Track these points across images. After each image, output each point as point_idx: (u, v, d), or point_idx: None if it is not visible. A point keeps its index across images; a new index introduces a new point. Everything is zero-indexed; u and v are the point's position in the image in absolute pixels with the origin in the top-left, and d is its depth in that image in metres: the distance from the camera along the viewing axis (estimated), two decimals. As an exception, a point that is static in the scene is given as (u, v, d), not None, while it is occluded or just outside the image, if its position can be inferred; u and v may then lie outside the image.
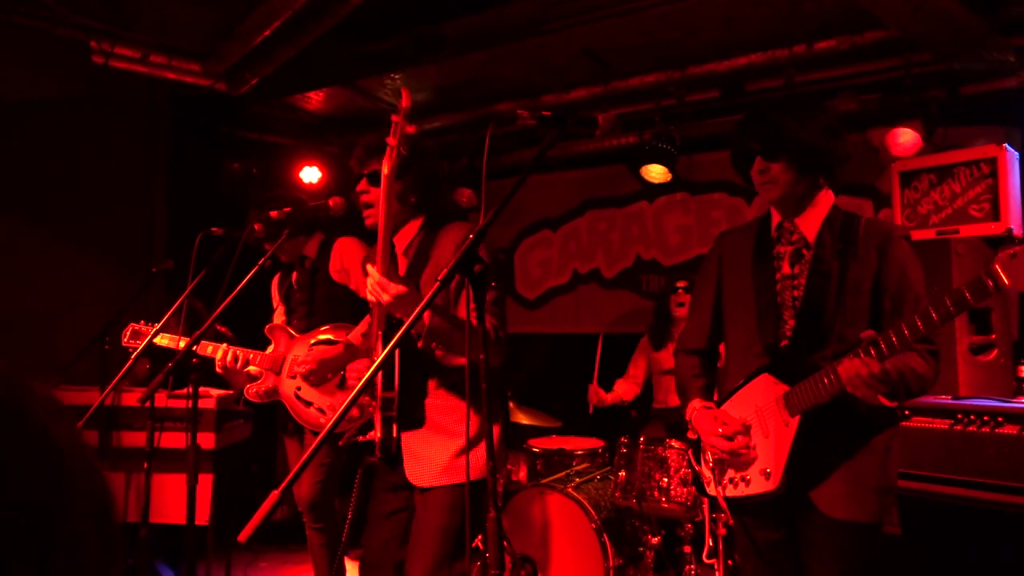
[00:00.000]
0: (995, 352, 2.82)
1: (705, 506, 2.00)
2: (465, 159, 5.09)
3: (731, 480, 1.93)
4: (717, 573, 1.95)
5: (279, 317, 3.32)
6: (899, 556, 2.64)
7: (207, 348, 3.05)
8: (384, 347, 2.13)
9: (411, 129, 2.10)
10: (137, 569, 3.25)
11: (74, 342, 3.95)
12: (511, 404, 3.98)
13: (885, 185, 3.84)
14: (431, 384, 2.21)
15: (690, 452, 2.09)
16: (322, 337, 3.06)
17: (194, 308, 3.13)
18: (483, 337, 1.66)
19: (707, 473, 1.99)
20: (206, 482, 3.70)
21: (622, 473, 3.33)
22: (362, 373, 2.92)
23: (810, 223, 1.92)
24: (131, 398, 3.60)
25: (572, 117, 1.83)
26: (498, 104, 4.73)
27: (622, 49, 4.06)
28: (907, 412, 2.68)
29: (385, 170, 2.11)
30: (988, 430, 2.45)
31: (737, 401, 1.95)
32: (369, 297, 2.08)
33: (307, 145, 5.45)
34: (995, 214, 2.91)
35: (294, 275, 3.28)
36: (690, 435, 2.09)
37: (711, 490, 1.97)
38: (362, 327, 2.96)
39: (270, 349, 3.13)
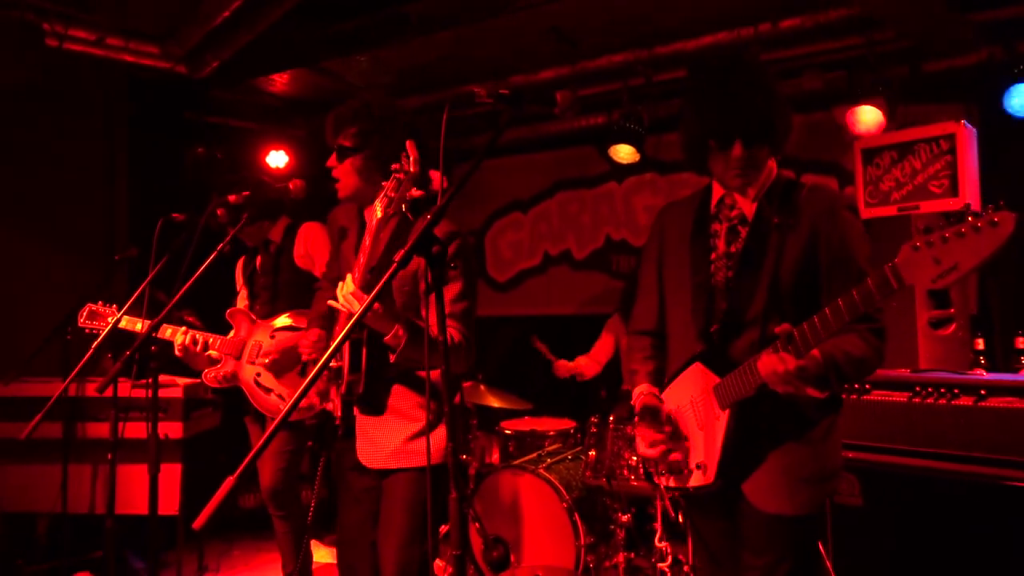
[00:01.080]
0: (953, 326, 2.87)
1: (659, 492, 1.96)
2: (431, 142, 5.03)
3: (671, 471, 1.90)
4: (668, 557, 1.93)
5: (242, 301, 3.28)
6: (861, 526, 2.70)
7: (166, 331, 3.01)
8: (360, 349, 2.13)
9: (417, 194, 2.02)
10: (104, 560, 3.21)
11: (36, 332, 3.88)
12: (482, 387, 3.98)
13: (850, 162, 3.87)
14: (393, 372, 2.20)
15: (637, 440, 1.98)
16: (284, 323, 3.03)
17: (155, 297, 3.07)
18: (443, 347, 1.63)
19: (650, 464, 1.95)
20: (174, 472, 3.66)
21: (592, 453, 3.35)
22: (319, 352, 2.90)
23: (751, 196, 1.81)
24: (94, 388, 3.54)
25: (529, 95, 1.82)
26: (465, 86, 4.68)
27: (590, 28, 4.03)
28: (867, 386, 2.72)
29: (378, 214, 2.02)
30: (945, 402, 2.50)
31: (675, 390, 1.90)
32: (338, 306, 2.02)
33: (273, 129, 5.36)
34: (954, 190, 2.95)
35: (258, 259, 3.24)
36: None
37: (656, 479, 1.94)
38: (322, 309, 2.93)
39: (231, 334, 3.09)
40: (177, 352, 3.03)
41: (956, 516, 2.48)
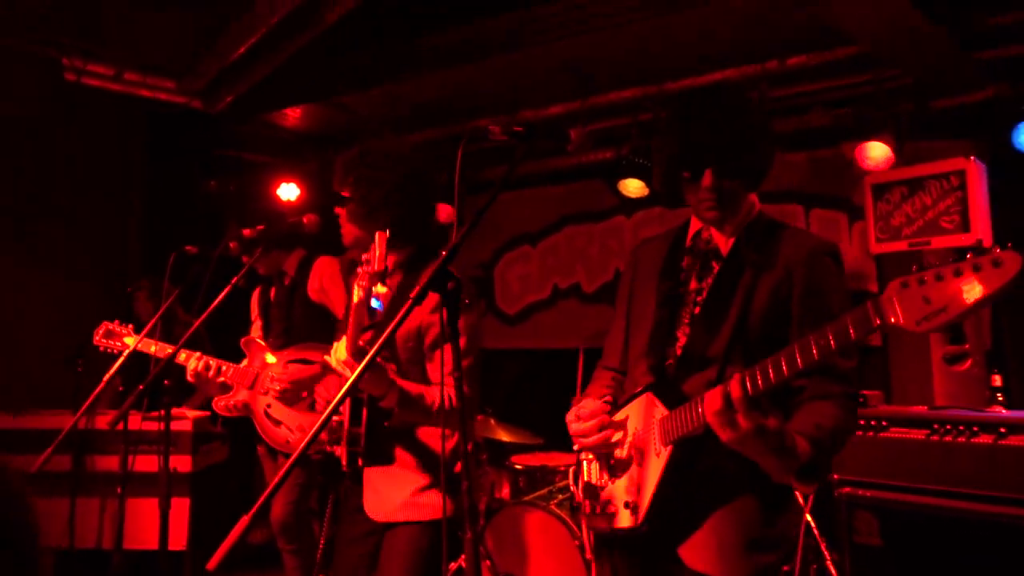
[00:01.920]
0: (969, 362, 2.85)
1: (583, 534, 1.78)
2: (444, 175, 5.08)
3: (597, 510, 1.72)
4: None
5: (256, 332, 3.29)
6: (880, 567, 2.65)
7: (180, 356, 3.00)
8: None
9: (382, 291, 1.92)
10: (110, 596, 3.18)
11: (46, 362, 3.89)
12: (492, 421, 3.96)
13: (859, 197, 3.89)
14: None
15: (571, 471, 1.85)
16: (297, 356, 3.03)
17: (171, 315, 3.08)
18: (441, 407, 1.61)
19: (579, 496, 1.78)
20: (182, 506, 3.64)
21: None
22: (331, 394, 2.89)
23: (728, 232, 1.71)
24: (104, 421, 3.54)
25: (543, 131, 1.83)
26: (477, 119, 4.74)
27: (599, 64, 4.09)
28: (884, 423, 2.69)
29: (356, 297, 1.98)
30: (964, 440, 2.46)
31: (620, 418, 1.75)
32: (335, 366, 2.01)
33: (285, 162, 5.42)
34: (965, 225, 2.95)
35: (272, 290, 3.25)
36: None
37: (581, 519, 1.75)
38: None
39: (244, 363, 3.09)
40: (189, 377, 3.03)
41: (978, 556, 2.43)
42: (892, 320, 1.18)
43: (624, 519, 1.64)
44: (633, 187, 4.39)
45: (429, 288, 1.66)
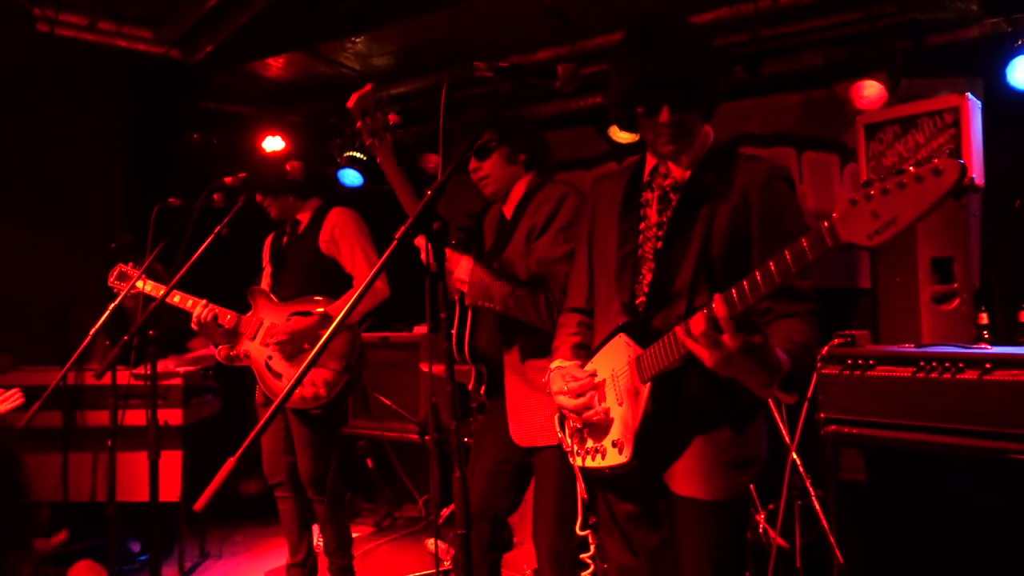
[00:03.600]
0: (957, 301, 2.85)
1: (576, 477, 1.80)
2: (432, 124, 5.00)
3: (588, 451, 1.75)
4: (591, 547, 1.80)
5: (265, 280, 3.27)
6: (865, 502, 2.69)
7: (187, 302, 2.99)
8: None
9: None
10: (106, 547, 3.21)
11: (31, 319, 3.86)
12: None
13: (851, 139, 3.84)
14: (517, 348, 2.26)
15: (556, 418, 1.88)
16: (300, 308, 3.01)
17: (155, 270, 3.05)
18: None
19: (567, 442, 1.81)
20: (175, 459, 3.66)
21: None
22: (334, 349, 2.92)
23: (685, 164, 1.71)
24: (93, 376, 3.53)
25: (530, 67, 1.79)
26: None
27: (587, 7, 3.98)
28: (871, 362, 2.69)
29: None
30: (949, 376, 2.48)
31: (596, 365, 1.77)
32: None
33: (269, 114, 5.31)
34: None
35: (284, 239, 3.21)
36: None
37: (571, 460, 1.80)
38: (344, 299, 2.96)
39: (250, 312, 3.08)
40: (194, 324, 3.01)
41: (962, 491, 2.47)
42: (845, 238, 1.22)
43: (613, 457, 1.68)
44: (623, 132, 4.32)
45: (414, 228, 1.64)
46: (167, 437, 3.57)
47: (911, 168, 1.14)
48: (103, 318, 2.82)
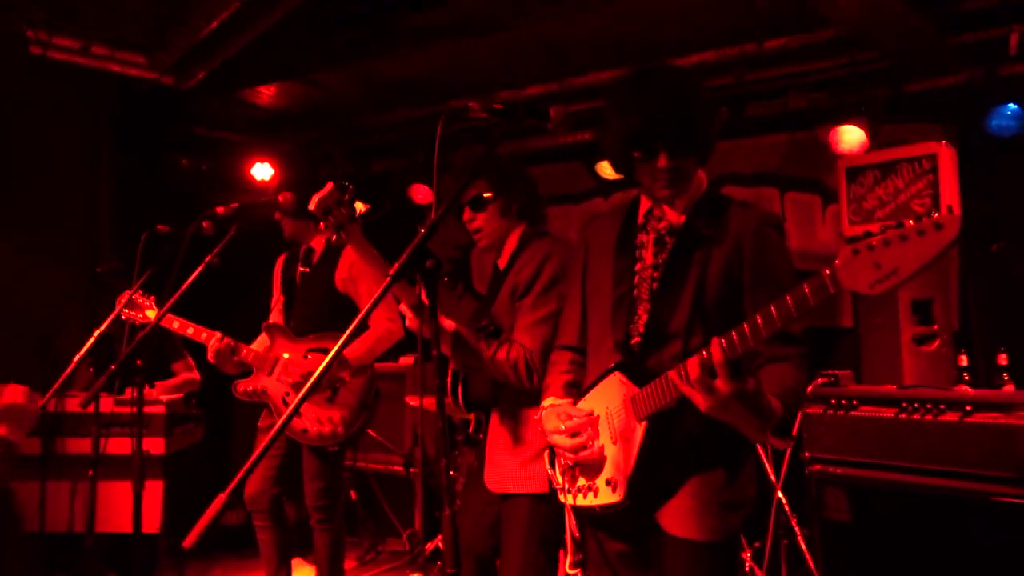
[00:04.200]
0: (937, 342, 2.91)
1: (565, 514, 1.80)
2: (422, 155, 5.05)
3: (580, 489, 1.76)
4: None
5: (277, 307, 3.27)
6: (849, 542, 2.71)
7: (201, 335, 2.96)
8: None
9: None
10: (83, 579, 3.14)
11: (13, 343, 3.80)
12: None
13: (833, 181, 3.93)
14: (509, 398, 2.29)
15: (546, 455, 1.89)
16: (316, 346, 3.00)
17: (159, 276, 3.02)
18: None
19: (558, 479, 1.81)
20: (156, 488, 3.60)
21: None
22: (353, 389, 2.95)
23: (680, 207, 1.75)
24: (75, 403, 3.48)
25: (523, 109, 1.82)
26: (454, 99, 4.70)
27: (580, 45, 4.07)
28: (855, 402, 2.74)
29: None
30: (931, 417, 2.52)
31: (589, 402, 1.79)
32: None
33: (259, 141, 5.33)
34: (936, 208, 3.00)
35: (298, 271, 3.21)
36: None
37: (562, 498, 1.79)
38: (359, 341, 2.98)
39: (265, 347, 3.07)
40: (210, 357, 3.00)
41: (944, 531, 2.50)
42: (846, 285, 1.25)
43: (606, 496, 1.68)
44: (611, 169, 4.38)
45: (408, 266, 1.66)
46: (148, 466, 3.49)
47: (910, 221, 1.18)
48: (87, 345, 2.80)
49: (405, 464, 4.38)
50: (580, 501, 1.76)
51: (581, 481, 1.76)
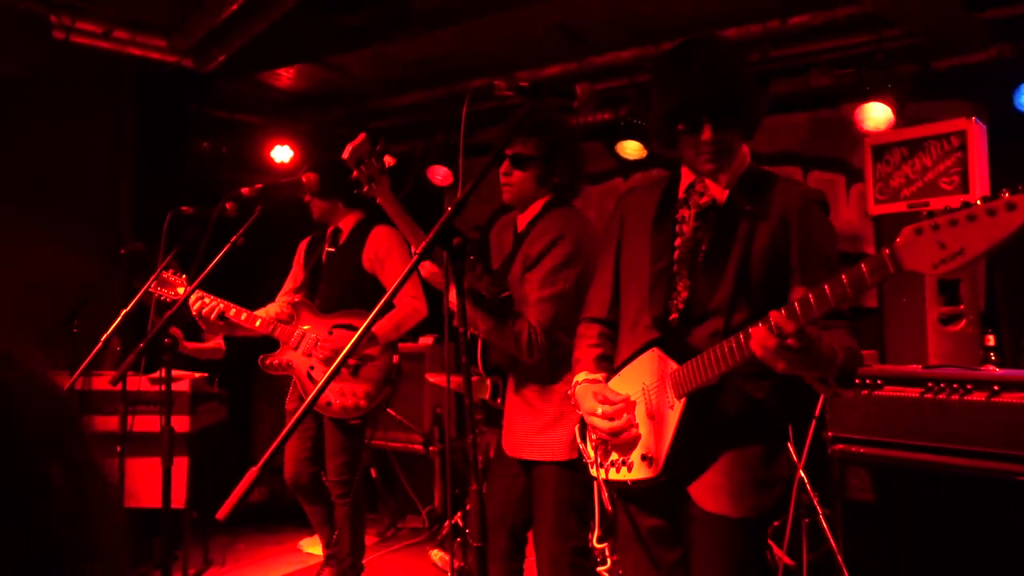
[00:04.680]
0: (963, 322, 2.88)
1: (594, 488, 1.81)
2: (440, 136, 5.04)
3: (613, 463, 1.74)
4: (608, 561, 1.80)
5: (295, 283, 3.31)
6: (872, 522, 2.71)
7: (230, 311, 3.00)
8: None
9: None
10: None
11: (39, 326, 3.86)
12: (488, 381, 3.98)
13: (858, 160, 3.88)
14: (520, 367, 2.31)
15: (576, 428, 1.88)
16: (342, 322, 3.06)
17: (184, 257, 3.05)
18: (461, 310, 1.65)
19: (590, 453, 1.80)
20: (181, 465, 3.65)
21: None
22: (378, 364, 3.03)
23: (723, 182, 1.72)
24: (102, 382, 3.53)
25: (549, 87, 1.81)
26: (471, 80, 4.68)
27: (596, 24, 4.03)
28: (879, 382, 2.72)
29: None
30: (957, 397, 2.50)
31: (624, 378, 1.77)
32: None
33: (278, 123, 5.35)
34: (964, 187, 2.95)
35: (324, 250, 3.25)
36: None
37: (593, 472, 1.79)
38: (386, 319, 3.03)
39: (293, 322, 3.13)
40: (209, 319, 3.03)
41: (969, 511, 2.48)
42: (908, 266, 1.22)
43: (641, 471, 1.68)
44: (631, 149, 4.36)
45: (435, 243, 1.66)
46: (175, 443, 3.56)
47: (979, 202, 1.15)
48: (114, 324, 2.84)
49: (424, 443, 4.42)
50: (613, 475, 1.75)
51: (614, 455, 1.76)
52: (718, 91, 1.61)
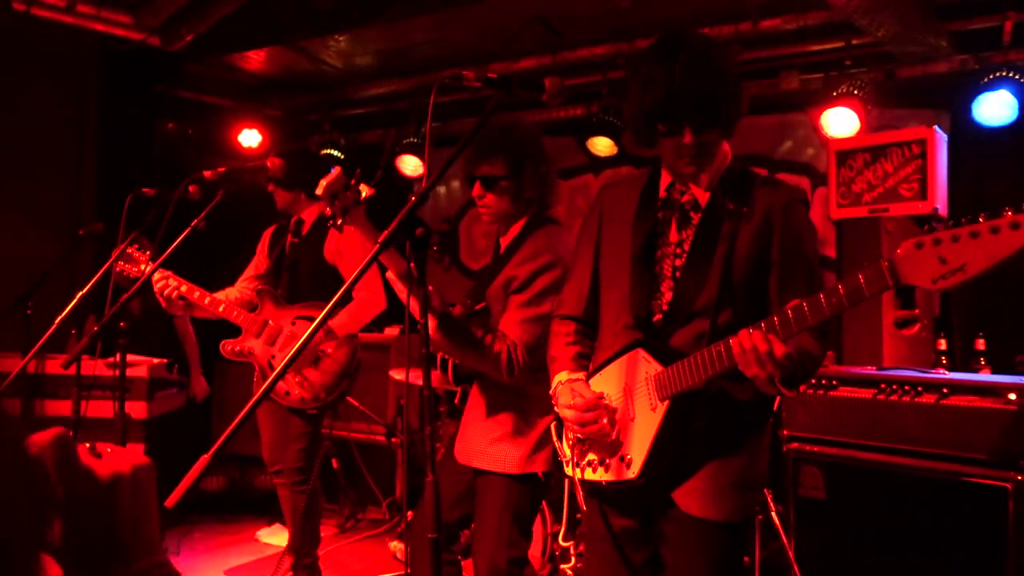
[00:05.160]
0: (918, 326, 2.95)
1: (565, 487, 1.80)
2: (412, 126, 5.00)
3: (590, 463, 1.72)
4: (572, 554, 1.77)
5: (257, 269, 3.30)
6: (823, 519, 2.76)
7: (193, 293, 2.96)
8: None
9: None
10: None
11: (-6, 306, 3.76)
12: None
13: (822, 164, 3.94)
14: (484, 379, 2.30)
15: (553, 426, 1.85)
16: (303, 314, 3.04)
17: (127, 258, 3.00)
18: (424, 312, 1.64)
19: (566, 452, 1.77)
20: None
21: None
22: (338, 358, 3.03)
23: (704, 182, 1.69)
24: (55, 365, 3.46)
25: (518, 79, 1.80)
26: (445, 71, 4.65)
27: (571, 19, 4.03)
28: (834, 382, 2.78)
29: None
30: (909, 399, 2.56)
31: (605, 378, 1.74)
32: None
33: (247, 107, 5.26)
34: (923, 193, 3.02)
35: (288, 239, 3.25)
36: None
37: (568, 470, 1.75)
38: (345, 312, 3.03)
39: (257, 311, 3.12)
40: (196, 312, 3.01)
41: (917, 510, 2.55)
42: (906, 280, 1.23)
43: (619, 472, 1.65)
44: (602, 145, 4.38)
45: (398, 234, 1.65)
46: (130, 430, 3.50)
47: (981, 218, 1.15)
48: (69, 307, 2.77)
49: (387, 434, 4.40)
50: (589, 475, 1.72)
51: (591, 456, 1.72)
52: (701, 92, 1.56)
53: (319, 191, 2.05)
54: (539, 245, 2.24)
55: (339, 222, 2.08)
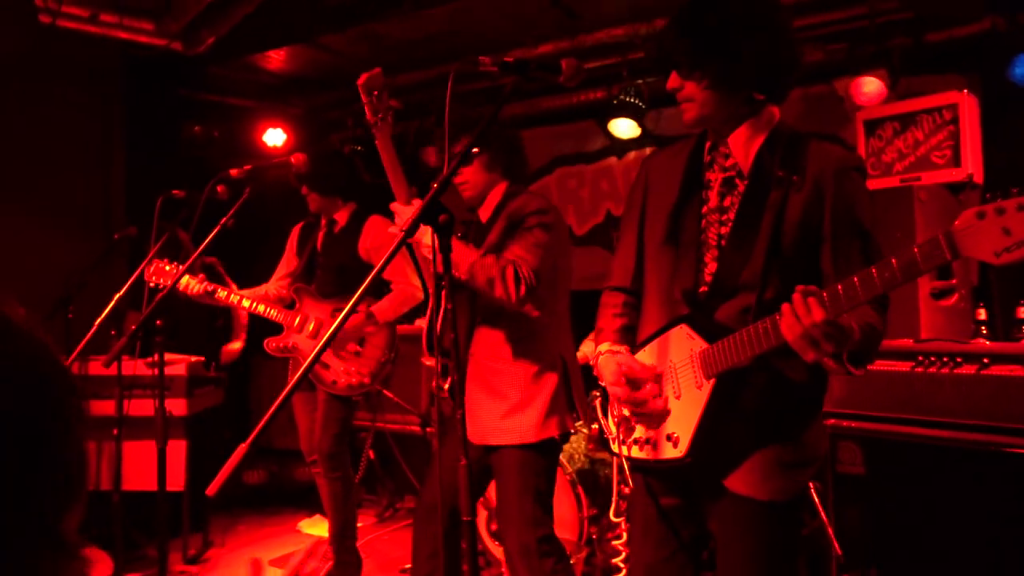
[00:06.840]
0: (955, 297, 2.88)
1: (614, 463, 1.77)
2: (433, 117, 5.01)
3: (636, 441, 1.68)
4: (623, 532, 1.76)
5: (289, 267, 3.38)
6: (862, 495, 2.72)
7: (230, 297, 3.06)
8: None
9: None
10: (111, 536, 3.23)
11: (34, 312, 3.86)
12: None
13: (850, 135, 3.86)
14: (479, 346, 2.32)
15: (598, 403, 1.81)
16: (343, 306, 3.10)
17: (177, 238, 3.09)
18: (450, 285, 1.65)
19: (612, 429, 1.74)
20: (179, 448, 3.68)
21: (595, 426, 3.37)
22: (378, 343, 3.12)
23: (747, 146, 1.60)
24: (98, 366, 3.54)
25: (535, 63, 1.80)
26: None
27: (590, 1, 3.99)
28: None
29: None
30: (947, 371, 2.51)
31: (650, 353, 1.69)
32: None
33: (270, 106, 5.32)
34: (956, 160, 2.95)
35: (320, 237, 3.32)
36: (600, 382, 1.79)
37: (614, 448, 1.72)
38: (385, 300, 3.15)
39: (296, 307, 3.20)
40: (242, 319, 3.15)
41: (957, 484, 2.50)
42: (966, 252, 1.15)
43: (666, 451, 1.62)
44: (624, 127, 4.34)
45: (421, 220, 1.66)
46: (171, 427, 3.57)
47: None
48: (108, 308, 2.84)
49: (422, 424, 4.44)
50: (635, 453, 1.69)
51: (638, 433, 1.69)
52: (683, 33, 1.52)
53: (359, 81, 2.10)
54: (523, 200, 2.34)
55: (380, 116, 2.12)
